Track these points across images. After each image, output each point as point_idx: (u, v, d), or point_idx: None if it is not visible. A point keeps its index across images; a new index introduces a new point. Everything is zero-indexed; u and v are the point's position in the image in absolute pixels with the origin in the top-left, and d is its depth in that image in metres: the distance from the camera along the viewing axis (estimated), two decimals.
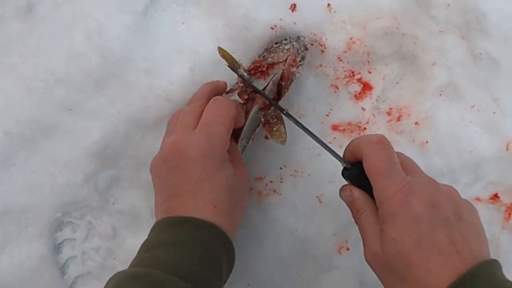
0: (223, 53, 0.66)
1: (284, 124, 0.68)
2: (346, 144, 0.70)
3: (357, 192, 0.57)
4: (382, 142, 0.56)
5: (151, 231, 0.61)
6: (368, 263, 0.55)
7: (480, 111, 0.73)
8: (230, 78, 0.71)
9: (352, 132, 0.75)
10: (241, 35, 0.73)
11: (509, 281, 0.50)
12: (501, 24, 0.71)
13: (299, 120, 0.63)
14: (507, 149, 0.72)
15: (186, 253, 0.56)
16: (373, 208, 0.55)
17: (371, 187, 0.54)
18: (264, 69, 0.68)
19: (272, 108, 0.68)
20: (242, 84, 0.68)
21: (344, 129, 0.75)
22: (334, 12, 0.73)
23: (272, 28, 0.72)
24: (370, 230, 0.55)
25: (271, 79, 0.67)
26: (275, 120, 0.68)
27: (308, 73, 0.75)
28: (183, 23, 0.76)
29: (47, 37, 0.75)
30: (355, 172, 0.57)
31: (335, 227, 0.75)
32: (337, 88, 0.75)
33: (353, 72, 0.75)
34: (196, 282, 0.54)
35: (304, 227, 0.75)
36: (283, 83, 0.68)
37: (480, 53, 0.72)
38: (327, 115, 0.76)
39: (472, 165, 0.74)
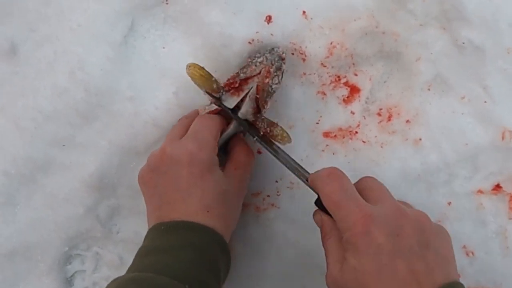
0: (192, 71, 0.68)
1: (279, 126, 0.71)
2: (338, 151, 0.72)
3: (325, 218, 0.60)
4: (332, 175, 0.58)
5: (146, 237, 0.64)
6: (328, 287, 0.58)
7: (471, 101, 0.74)
8: None
9: (344, 138, 0.76)
10: (221, 53, 0.75)
11: None
12: (480, 10, 0.71)
13: (288, 132, 0.70)
14: (503, 137, 0.72)
15: (183, 256, 0.59)
16: (339, 235, 0.57)
17: None
18: (237, 85, 0.70)
19: (262, 117, 0.70)
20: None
21: (335, 135, 0.76)
22: (311, 18, 0.74)
23: (249, 43, 0.74)
24: (333, 255, 0.57)
25: (246, 94, 0.69)
26: (270, 127, 0.70)
27: (293, 83, 0.76)
28: (163, 47, 0.78)
29: (32, 77, 0.78)
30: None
31: None
32: (325, 94, 0.76)
33: (338, 77, 0.76)
34: (194, 285, 0.56)
35: (305, 238, 0.76)
36: (258, 96, 0.69)
37: (463, 42, 0.72)
38: (317, 123, 0.77)
39: (469, 157, 0.74)
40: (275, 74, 0.70)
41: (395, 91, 0.76)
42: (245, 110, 0.69)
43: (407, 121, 0.75)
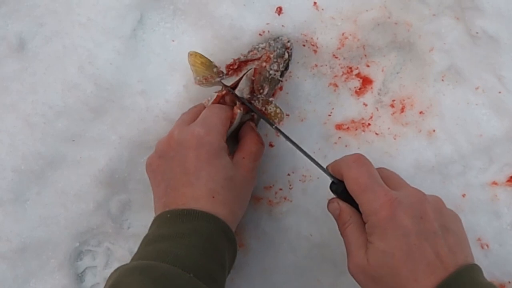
0: (194, 59, 0.70)
1: (273, 103, 0.72)
2: (351, 143, 0.72)
3: (343, 205, 0.62)
4: (359, 160, 0.60)
5: (151, 226, 0.65)
6: (352, 275, 0.59)
7: (485, 92, 0.74)
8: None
9: (356, 130, 0.77)
10: (231, 45, 0.76)
11: (489, 283, 0.54)
12: None
13: (292, 139, 0.68)
14: None
15: (188, 245, 0.59)
16: (359, 221, 0.59)
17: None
18: (236, 66, 0.73)
19: (258, 96, 0.71)
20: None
21: (348, 127, 0.77)
22: (322, 9, 0.75)
23: (260, 34, 0.74)
24: (356, 242, 0.59)
25: (244, 73, 0.71)
26: (264, 105, 0.71)
27: (304, 74, 0.77)
28: (173, 40, 0.78)
29: (41, 73, 0.79)
30: (342, 187, 0.61)
31: None
32: (336, 86, 0.77)
33: (350, 68, 0.77)
34: (200, 273, 0.57)
35: (319, 231, 0.77)
36: (253, 78, 0.71)
37: (477, 32, 0.73)
38: (329, 115, 0.78)
39: (484, 148, 0.74)
40: (275, 60, 0.72)
41: (408, 82, 0.77)
42: (242, 88, 0.71)
43: (421, 112, 0.76)
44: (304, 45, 0.76)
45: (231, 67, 0.73)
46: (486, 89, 0.74)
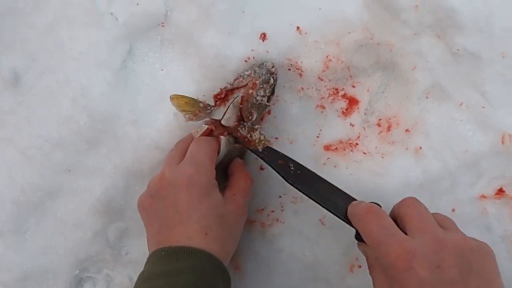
0: (177, 102, 0.73)
1: (258, 130, 0.74)
2: (340, 164, 0.74)
3: (369, 250, 0.63)
4: (370, 213, 0.62)
5: (146, 263, 0.67)
6: None
7: (469, 108, 0.75)
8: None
9: (344, 150, 0.78)
10: (218, 73, 0.78)
11: None
12: (473, 16, 0.73)
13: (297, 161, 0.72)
14: (503, 142, 0.74)
15: (183, 281, 0.61)
16: (383, 266, 0.59)
17: None
18: (223, 95, 0.75)
19: (244, 124, 0.74)
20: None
21: (336, 148, 0.78)
22: (305, 33, 0.77)
23: (246, 61, 0.76)
24: (380, 286, 0.60)
25: (231, 102, 0.73)
26: (250, 132, 0.73)
27: (291, 98, 0.79)
28: (162, 69, 0.81)
29: (36, 106, 0.82)
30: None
31: (342, 247, 0.79)
32: (324, 107, 0.79)
33: (336, 89, 0.78)
34: None
35: (312, 252, 0.78)
36: (242, 106, 0.73)
37: (458, 49, 0.74)
38: (318, 137, 0.79)
39: (470, 163, 0.76)
40: (261, 86, 0.74)
41: (393, 101, 0.79)
42: (228, 117, 0.73)
43: (407, 130, 0.77)
44: (289, 69, 0.77)
45: (218, 97, 0.75)
46: (470, 105, 0.75)
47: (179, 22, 0.80)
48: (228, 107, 0.73)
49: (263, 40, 0.77)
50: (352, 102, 0.79)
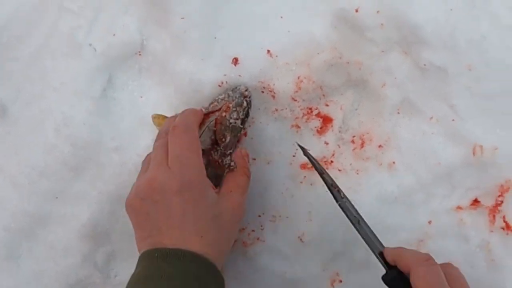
0: (158, 121, 0.76)
1: (229, 157, 0.76)
2: (316, 182, 0.76)
3: None
4: (430, 260, 0.61)
5: (138, 264, 0.66)
6: None
7: (439, 121, 0.77)
8: None
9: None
10: (193, 98, 0.80)
11: None
12: (437, 31, 0.75)
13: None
14: (474, 153, 0.75)
15: (176, 285, 0.61)
16: None
17: None
18: (205, 119, 0.76)
19: (218, 148, 0.76)
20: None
21: (312, 167, 0.80)
22: (276, 56, 0.79)
23: (219, 86, 0.79)
24: None
25: (206, 126, 0.75)
26: (221, 157, 0.76)
27: (266, 119, 0.81)
28: (141, 97, 0.84)
29: (23, 135, 0.85)
30: (394, 276, 0.63)
31: (322, 262, 0.80)
32: (299, 127, 0.81)
33: (310, 109, 0.80)
34: None
35: (293, 269, 0.80)
36: (215, 129, 0.75)
37: (425, 64, 0.76)
38: (294, 156, 0.81)
39: (444, 176, 0.77)
40: (234, 109, 0.76)
41: (366, 118, 0.80)
42: (203, 140, 0.75)
43: (380, 146, 0.79)
44: (262, 92, 0.79)
45: None
46: (440, 118, 0.77)
47: (155, 51, 0.82)
48: (204, 130, 0.75)
49: (235, 65, 0.79)
50: (326, 120, 0.81)
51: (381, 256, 0.66)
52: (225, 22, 0.81)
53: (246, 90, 0.78)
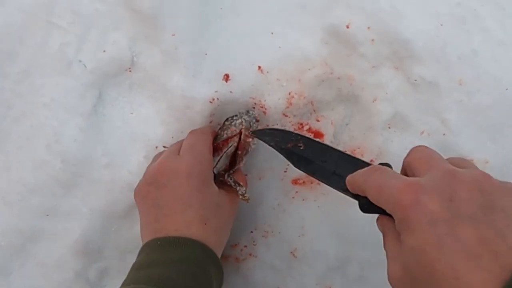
0: None
1: (243, 187, 0.75)
2: (308, 196, 0.76)
3: (382, 217, 0.54)
4: (370, 168, 0.56)
5: (140, 252, 0.68)
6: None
7: (431, 135, 0.78)
8: None
9: (312, 183, 0.80)
10: (185, 114, 0.80)
11: None
12: (428, 46, 0.75)
13: None
14: None
15: (179, 270, 0.63)
16: (396, 230, 0.50)
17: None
18: (221, 145, 0.77)
19: (230, 173, 0.76)
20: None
21: (303, 182, 0.80)
22: (267, 72, 0.79)
23: (210, 102, 0.79)
24: (391, 254, 0.50)
25: (224, 152, 0.75)
26: (236, 185, 0.75)
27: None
28: (132, 113, 0.83)
29: (13, 152, 0.84)
30: (364, 200, 0.56)
31: (315, 277, 0.81)
32: None
33: (301, 124, 0.81)
34: None
35: (285, 284, 0.81)
36: (239, 152, 0.76)
37: (416, 79, 0.76)
38: (285, 171, 0.81)
39: None
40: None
41: (357, 132, 0.81)
42: (220, 166, 0.76)
43: (371, 160, 0.80)
44: (254, 108, 0.79)
45: (213, 145, 0.77)
46: (431, 132, 0.77)
47: (146, 67, 0.82)
48: (221, 157, 0.76)
49: (226, 81, 0.79)
50: (317, 135, 0.81)
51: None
52: (216, 38, 0.81)
53: (258, 115, 0.79)
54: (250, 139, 0.76)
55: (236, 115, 0.79)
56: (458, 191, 0.46)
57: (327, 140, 0.81)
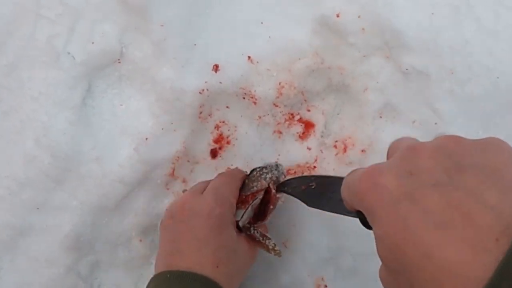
0: None
1: (272, 240, 0.74)
2: None
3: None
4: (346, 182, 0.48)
5: (150, 282, 0.68)
6: None
7: (422, 125, 0.77)
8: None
9: (303, 173, 0.80)
10: (174, 106, 0.80)
11: None
12: (419, 36, 0.75)
13: None
14: None
15: None
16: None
17: None
18: (249, 198, 0.75)
19: (255, 227, 0.74)
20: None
21: (295, 172, 0.80)
22: (257, 62, 0.78)
23: (200, 93, 0.78)
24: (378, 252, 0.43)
25: (250, 204, 0.74)
26: (264, 239, 0.74)
27: (248, 126, 0.81)
28: (121, 105, 0.83)
29: (3, 146, 0.84)
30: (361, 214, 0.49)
31: (307, 268, 0.80)
32: (281, 133, 0.81)
33: (292, 114, 0.80)
34: None
35: (277, 275, 0.80)
36: (271, 207, 0.74)
37: (407, 69, 0.76)
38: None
39: None
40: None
41: (348, 122, 0.80)
42: (245, 218, 0.74)
43: (362, 150, 0.79)
44: (244, 98, 0.79)
45: (239, 198, 0.76)
46: (423, 121, 0.77)
47: (135, 58, 0.82)
48: (247, 209, 0.74)
49: (215, 72, 0.79)
50: (308, 125, 0.81)
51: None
52: (205, 29, 0.81)
53: (285, 170, 0.78)
54: (279, 196, 0.75)
55: (265, 167, 0.78)
56: (418, 162, 0.39)
57: (318, 130, 0.81)
